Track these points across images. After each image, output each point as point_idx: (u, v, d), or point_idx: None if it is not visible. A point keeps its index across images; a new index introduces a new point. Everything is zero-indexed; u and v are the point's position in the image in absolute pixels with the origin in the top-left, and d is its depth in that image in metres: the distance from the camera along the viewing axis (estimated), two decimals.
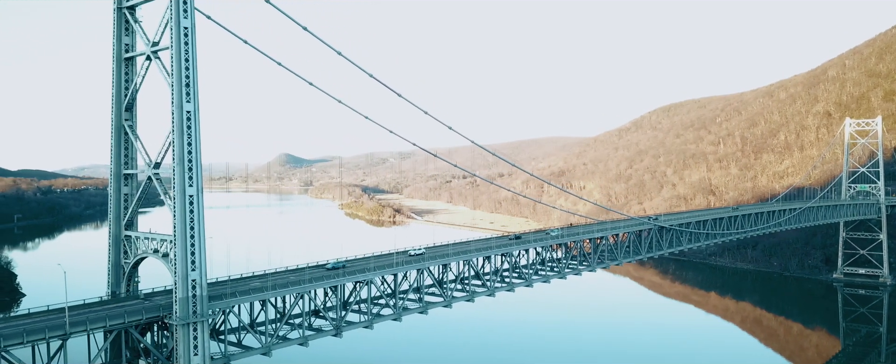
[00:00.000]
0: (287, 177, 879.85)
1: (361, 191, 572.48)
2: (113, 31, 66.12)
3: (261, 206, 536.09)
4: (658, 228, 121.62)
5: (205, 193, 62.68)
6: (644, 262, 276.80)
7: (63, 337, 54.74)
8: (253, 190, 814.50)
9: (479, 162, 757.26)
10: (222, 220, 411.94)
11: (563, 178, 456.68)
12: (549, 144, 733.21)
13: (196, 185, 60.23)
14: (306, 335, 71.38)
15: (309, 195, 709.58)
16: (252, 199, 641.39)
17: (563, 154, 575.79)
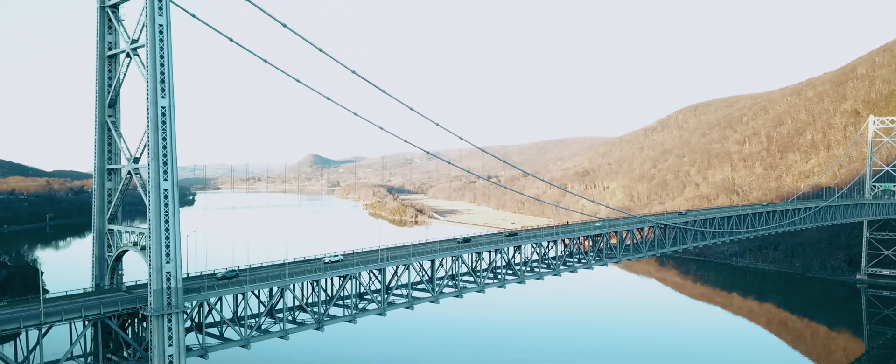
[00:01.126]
0: (314, 177, 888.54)
1: (386, 191, 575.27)
2: (96, 30, 67.59)
3: (283, 206, 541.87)
4: (662, 226, 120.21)
5: (233, 193, 63.87)
6: (665, 263, 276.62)
7: (38, 326, 56.14)
8: (281, 190, 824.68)
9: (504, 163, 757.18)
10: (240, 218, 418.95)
11: (587, 178, 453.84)
12: (576, 144, 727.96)
13: (171, 180, 61.34)
14: (287, 328, 72.18)
15: (335, 195, 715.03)
16: (278, 199, 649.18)
17: (589, 154, 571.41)
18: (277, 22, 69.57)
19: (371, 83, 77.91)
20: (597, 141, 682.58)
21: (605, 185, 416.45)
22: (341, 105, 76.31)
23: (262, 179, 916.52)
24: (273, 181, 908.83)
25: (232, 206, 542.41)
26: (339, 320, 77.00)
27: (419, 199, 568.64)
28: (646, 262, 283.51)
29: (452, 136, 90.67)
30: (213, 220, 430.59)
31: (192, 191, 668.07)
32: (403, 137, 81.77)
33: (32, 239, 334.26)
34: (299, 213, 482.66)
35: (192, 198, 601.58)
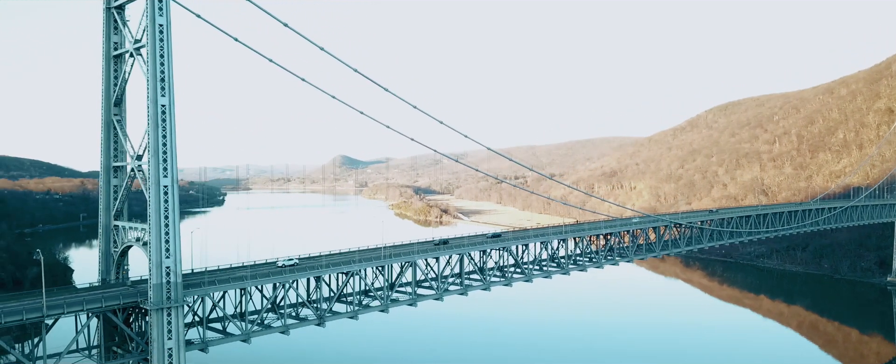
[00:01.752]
0: (343, 178, 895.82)
1: (413, 192, 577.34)
2: (102, 30, 69.25)
3: (312, 207, 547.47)
4: (676, 225, 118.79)
5: (263, 194, 65.35)
6: (691, 264, 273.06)
7: (39, 319, 57.76)
8: (310, 191, 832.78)
9: (533, 162, 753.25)
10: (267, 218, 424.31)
11: (613, 179, 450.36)
12: (605, 145, 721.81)
13: (170, 176, 62.61)
14: (288, 324, 73.07)
15: (362, 196, 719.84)
16: (307, 199, 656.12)
17: (617, 154, 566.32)
18: (284, 24, 70.50)
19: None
20: (626, 141, 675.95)
21: (632, 186, 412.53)
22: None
23: (292, 180, 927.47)
24: (303, 182, 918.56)
25: (261, 206, 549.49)
26: (341, 316, 77.67)
27: (445, 199, 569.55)
28: (671, 263, 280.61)
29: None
30: (240, 219, 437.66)
31: (223, 191, 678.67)
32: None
33: (66, 237, 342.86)
34: (327, 213, 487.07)
35: (222, 198, 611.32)
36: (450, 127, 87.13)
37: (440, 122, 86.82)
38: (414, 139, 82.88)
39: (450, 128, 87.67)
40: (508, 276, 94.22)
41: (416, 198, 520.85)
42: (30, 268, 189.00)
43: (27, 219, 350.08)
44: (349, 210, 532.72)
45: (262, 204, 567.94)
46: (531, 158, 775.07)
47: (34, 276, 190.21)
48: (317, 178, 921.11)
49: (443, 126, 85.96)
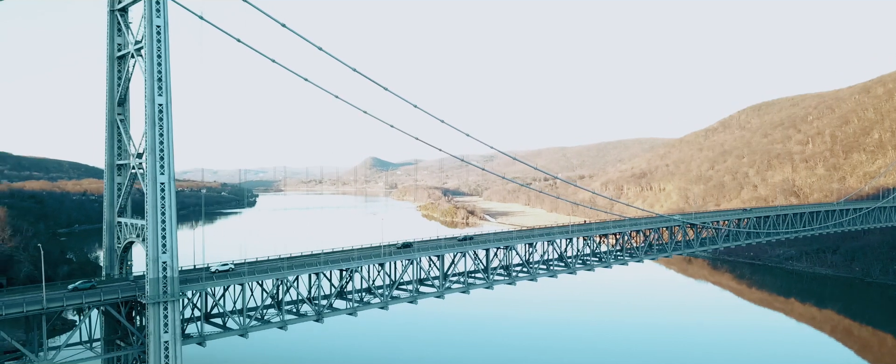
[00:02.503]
0: (373, 180, 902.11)
1: (441, 193, 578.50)
2: (107, 32, 71.25)
3: (341, 208, 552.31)
4: (689, 226, 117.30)
5: (295, 195, 66.94)
6: (719, 266, 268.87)
7: (40, 312, 59.72)
8: (341, 192, 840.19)
9: (563, 164, 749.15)
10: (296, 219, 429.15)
11: (643, 180, 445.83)
12: (637, 146, 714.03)
13: (167, 174, 64.15)
14: (286, 319, 74.20)
15: (391, 197, 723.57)
16: (338, 200, 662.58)
17: (648, 156, 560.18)
18: (277, 22, 71.75)
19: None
20: (658, 142, 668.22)
21: (661, 187, 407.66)
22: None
23: (324, 182, 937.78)
24: (334, 183, 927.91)
25: (291, 206, 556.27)
26: (340, 313, 78.56)
27: (473, 200, 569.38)
28: (699, 265, 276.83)
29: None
30: (270, 219, 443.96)
31: (254, 193, 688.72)
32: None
33: (100, 237, 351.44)
34: (355, 214, 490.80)
35: (253, 199, 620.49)
36: (468, 134, 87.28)
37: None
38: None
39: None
40: (513, 276, 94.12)
41: (444, 199, 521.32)
42: (60, 266, 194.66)
43: (64, 219, 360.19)
44: (379, 211, 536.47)
45: (293, 205, 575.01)
46: (561, 160, 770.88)
47: (65, 274, 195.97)
48: (347, 179, 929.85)
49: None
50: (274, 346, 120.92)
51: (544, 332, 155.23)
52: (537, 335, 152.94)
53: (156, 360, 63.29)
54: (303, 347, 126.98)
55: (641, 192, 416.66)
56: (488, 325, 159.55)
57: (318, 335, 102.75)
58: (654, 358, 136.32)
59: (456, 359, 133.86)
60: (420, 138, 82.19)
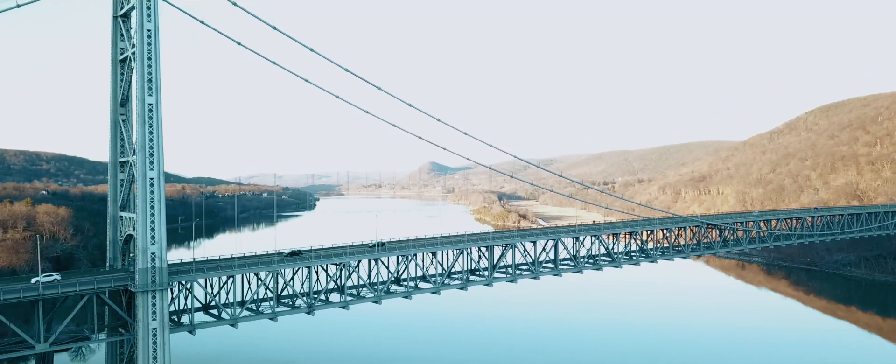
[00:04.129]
0: (431, 184, 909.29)
1: (497, 197, 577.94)
2: (111, 37, 75.73)
3: (398, 211, 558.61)
4: (709, 226, 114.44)
5: (356, 199, 70.56)
6: (773, 272, 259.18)
7: (36, 297, 64.07)
8: (399, 196, 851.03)
9: (623, 168, 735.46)
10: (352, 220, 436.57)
11: (701, 184, 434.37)
12: (700, 149, 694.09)
13: (156, 169, 67.77)
14: (277, 311, 76.84)
15: (447, 201, 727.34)
16: (396, 204, 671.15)
17: (710, 159, 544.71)
18: (267, 24, 74.61)
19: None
20: (722, 145, 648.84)
21: (720, 191, 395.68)
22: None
23: (383, 186, 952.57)
24: (392, 188, 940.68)
25: (350, 210, 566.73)
26: (332, 306, 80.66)
27: (529, 205, 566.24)
28: (752, 269, 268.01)
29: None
30: (327, 221, 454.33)
31: (315, 196, 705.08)
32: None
33: (168, 238, 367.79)
34: (409, 217, 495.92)
35: (314, 203, 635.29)
36: (502, 151, 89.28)
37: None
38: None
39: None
40: (512, 273, 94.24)
41: (498, 203, 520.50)
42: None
43: None
44: (435, 214, 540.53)
45: (352, 208, 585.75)
46: (622, 164, 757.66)
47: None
48: (406, 184, 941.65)
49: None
50: (272, 338, 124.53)
51: (599, 335, 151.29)
52: (590, 338, 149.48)
53: (144, 347, 66.80)
54: (300, 341, 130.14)
55: (699, 195, 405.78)
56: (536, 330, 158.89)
57: (312, 328, 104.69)
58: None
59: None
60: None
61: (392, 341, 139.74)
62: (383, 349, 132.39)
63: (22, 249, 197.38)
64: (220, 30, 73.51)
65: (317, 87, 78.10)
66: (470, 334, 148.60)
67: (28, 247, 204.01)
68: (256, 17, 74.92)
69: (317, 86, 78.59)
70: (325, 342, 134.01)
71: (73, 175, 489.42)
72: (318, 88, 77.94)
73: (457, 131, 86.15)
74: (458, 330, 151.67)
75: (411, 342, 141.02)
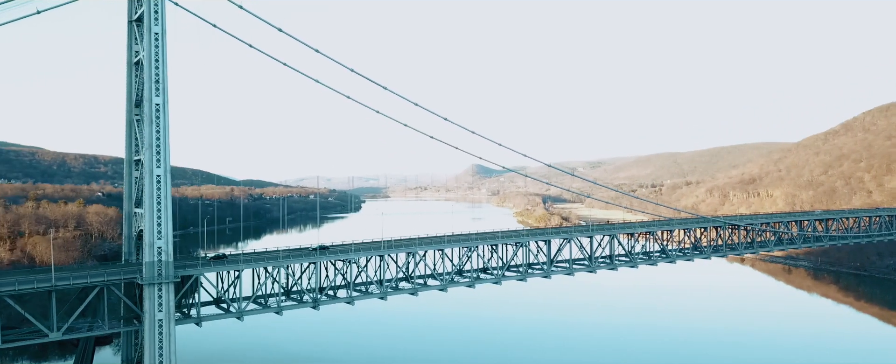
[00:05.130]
0: (476, 186, 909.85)
1: (541, 200, 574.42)
2: (126, 41, 79.07)
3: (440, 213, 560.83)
4: (731, 227, 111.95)
5: (401, 201, 73.39)
6: (820, 276, 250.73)
7: (51, 289, 67.44)
8: (444, 199, 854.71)
9: (672, 170, 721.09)
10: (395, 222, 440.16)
11: (750, 186, 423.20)
12: (753, 151, 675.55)
13: (163, 167, 70.50)
14: (282, 305, 78.82)
15: (491, 204, 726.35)
16: (440, 206, 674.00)
17: (761, 161, 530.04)
18: (273, 27, 76.79)
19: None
20: (776, 147, 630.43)
21: (769, 193, 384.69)
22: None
23: (428, 188, 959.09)
24: (437, 190, 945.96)
25: (395, 212, 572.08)
26: (338, 301, 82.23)
27: (574, 207, 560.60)
28: (799, 274, 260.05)
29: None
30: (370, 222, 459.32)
31: (361, 198, 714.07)
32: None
33: (211, 238, 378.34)
34: (452, 219, 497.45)
35: (360, 205, 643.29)
36: (542, 163, 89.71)
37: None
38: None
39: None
40: (522, 273, 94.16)
41: (542, 206, 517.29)
42: None
43: (180, 221, 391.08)
44: (481, 216, 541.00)
45: (396, 210, 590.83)
46: (672, 166, 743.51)
47: None
48: (451, 186, 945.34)
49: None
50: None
51: (648, 340, 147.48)
52: (636, 342, 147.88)
53: (151, 337, 69.50)
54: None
55: (747, 198, 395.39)
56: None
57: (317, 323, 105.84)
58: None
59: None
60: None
61: (398, 339, 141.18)
62: (389, 345, 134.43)
63: (72, 248, 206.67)
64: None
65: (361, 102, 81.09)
66: (479, 333, 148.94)
67: (78, 245, 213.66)
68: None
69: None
70: (330, 338, 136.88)
71: None
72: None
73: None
74: (465, 328, 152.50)
75: (417, 341, 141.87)
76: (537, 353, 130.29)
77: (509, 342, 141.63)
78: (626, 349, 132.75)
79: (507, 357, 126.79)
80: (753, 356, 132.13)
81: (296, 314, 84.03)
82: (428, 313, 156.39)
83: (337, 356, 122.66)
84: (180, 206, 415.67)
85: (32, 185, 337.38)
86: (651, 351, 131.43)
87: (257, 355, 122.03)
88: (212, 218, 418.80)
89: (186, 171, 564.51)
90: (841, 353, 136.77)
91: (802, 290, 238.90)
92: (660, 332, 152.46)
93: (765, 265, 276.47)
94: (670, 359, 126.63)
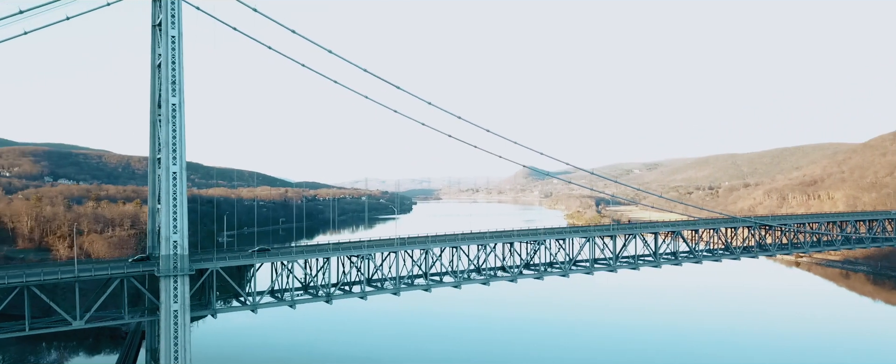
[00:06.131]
0: (528, 188, 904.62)
1: (594, 202, 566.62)
2: (150, 44, 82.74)
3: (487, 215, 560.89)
4: (763, 227, 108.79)
5: (453, 203, 76.66)
6: (881, 281, 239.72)
7: (73, 280, 71.27)
8: (496, 201, 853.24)
9: (731, 172, 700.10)
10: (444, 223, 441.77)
11: (811, 188, 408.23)
12: (817, 152, 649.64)
13: (179, 164, 73.52)
14: (295, 299, 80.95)
15: (543, 206, 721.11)
16: (492, 208, 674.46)
17: (824, 162, 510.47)
18: (287, 28, 79.14)
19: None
20: (841, 147, 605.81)
21: (830, 195, 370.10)
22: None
23: (480, 190, 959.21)
24: (489, 192, 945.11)
25: (446, 213, 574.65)
26: (351, 296, 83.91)
27: (628, 210, 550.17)
28: (858, 279, 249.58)
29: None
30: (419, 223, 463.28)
31: (413, 200, 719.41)
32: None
33: (264, 238, 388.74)
34: (502, 221, 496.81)
35: (411, 206, 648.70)
36: (594, 167, 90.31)
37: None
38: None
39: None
40: (539, 271, 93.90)
41: (593, 208, 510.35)
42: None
43: (235, 222, 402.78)
44: (534, 219, 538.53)
45: (447, 212, 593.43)
46: (730, 168, 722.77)
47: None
48: (503, 188, 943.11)
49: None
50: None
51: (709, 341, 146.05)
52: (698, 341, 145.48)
53: (166, 327, 72.51)
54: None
55: (807, 200, 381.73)
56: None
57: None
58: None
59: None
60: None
61: (410, 337, 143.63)
62: (402, 340, 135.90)
63: (126, 245, 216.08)
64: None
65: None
66: (494, 332, 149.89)
67: (132, 243, 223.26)
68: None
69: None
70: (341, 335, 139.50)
71: (188, 179, 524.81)
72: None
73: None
74: (480, 326, 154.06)
75: (431, 339, 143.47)
76: (549, 351, 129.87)
77: (524, 340, 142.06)
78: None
79: (519, 355, 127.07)
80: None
81: (312, 308, 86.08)
82: (441, 310, 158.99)
83: (349, 352, 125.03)
84: (236, 208, 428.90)
85: (97, 186, 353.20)
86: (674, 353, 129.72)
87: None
88: (265, 219, 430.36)
89: (243, 174, 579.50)
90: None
91: (867, 296, 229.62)
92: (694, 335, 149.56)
93: (821, 269, 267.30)
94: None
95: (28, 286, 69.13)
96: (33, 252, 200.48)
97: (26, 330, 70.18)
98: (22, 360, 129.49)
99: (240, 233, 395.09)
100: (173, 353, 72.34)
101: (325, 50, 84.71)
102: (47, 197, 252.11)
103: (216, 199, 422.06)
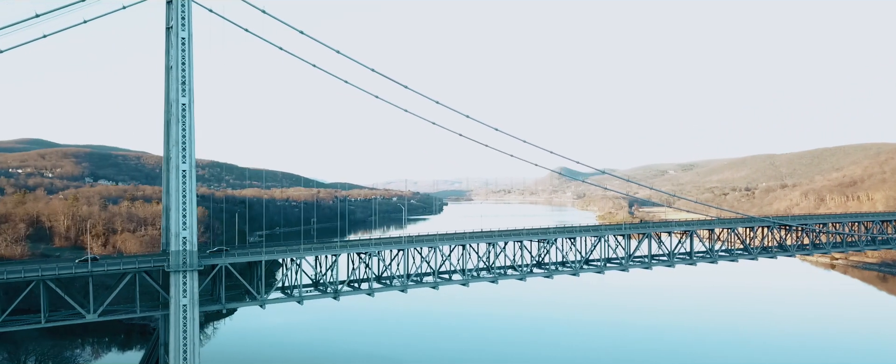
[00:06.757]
0: (561, 189, 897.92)
1: (627, 203, 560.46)
2: (164, 47, 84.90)
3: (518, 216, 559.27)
4: (783, 228, 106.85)
5: (485, 204, 78.80)
6: None
7: (87, 275, 73.67)
8: (528, 202, 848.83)
9: (769, 173, 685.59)
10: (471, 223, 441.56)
11: (850, 189, 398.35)
12: (859, 152, 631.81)
13: (188, 163, 75.39)
14: (303, 295, 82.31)
15: (575, 207, 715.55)
16: (524, 209, 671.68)
17: (866, 163, 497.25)
18: (295, 29, 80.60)
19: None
20: (884, 148, 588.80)
21: (869, 196, 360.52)
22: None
23: (512, 192, 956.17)
24: (521, 193, 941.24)
25: (477, 214, 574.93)
26: (359, 292, 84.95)
27: (661, 211, 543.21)
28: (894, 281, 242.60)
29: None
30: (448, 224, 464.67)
31: (444, 201, 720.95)
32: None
33: (295, 237, 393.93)
34: (531, 222, 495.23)
35: (442, 207, 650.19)
36: (629, 168, 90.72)
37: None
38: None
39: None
40: (549, 270, 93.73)
41: (626, 209, 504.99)
42: None
43: (267, 222, 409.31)
44: (566, 220, 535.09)
45: (478, 212, 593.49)
46: (768, 168, 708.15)
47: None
48: (536, 189, 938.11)
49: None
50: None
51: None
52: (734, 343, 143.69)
53: (176, 321, 74.44)
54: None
55: (845, 201, 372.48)
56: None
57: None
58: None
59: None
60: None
61: (417, 337, 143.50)
62: (407, 342, 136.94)
63: (157, 244, 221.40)
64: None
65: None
66: (499, 331, 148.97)
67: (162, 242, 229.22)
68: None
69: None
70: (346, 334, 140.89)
71: (223, 180, 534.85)
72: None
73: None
74: (486, 324, 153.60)
75: (437, 339, 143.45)
76: (558, 350, 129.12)
77: (532, 339, 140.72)
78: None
79: (528, 354, 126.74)
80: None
81: (322, 308, 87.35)
82: (450, 309, 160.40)
83: (357, 349, 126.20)
84: (267, 208, 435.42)
85: (134, 186, 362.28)
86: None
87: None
88: (296, 219, 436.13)
89: (276, 174, 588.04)
90: None
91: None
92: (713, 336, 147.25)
93: (858, 272, 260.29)
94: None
95: (44, 280, 71.69)
96: (68, 250, 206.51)
97: (43, 322, 72.78)
98: (54, 356, 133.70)
99: (271, 232, 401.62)
100: (183, 347, 74.21)
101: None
102: (85, 197, 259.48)
103: (248, 199, 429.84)
